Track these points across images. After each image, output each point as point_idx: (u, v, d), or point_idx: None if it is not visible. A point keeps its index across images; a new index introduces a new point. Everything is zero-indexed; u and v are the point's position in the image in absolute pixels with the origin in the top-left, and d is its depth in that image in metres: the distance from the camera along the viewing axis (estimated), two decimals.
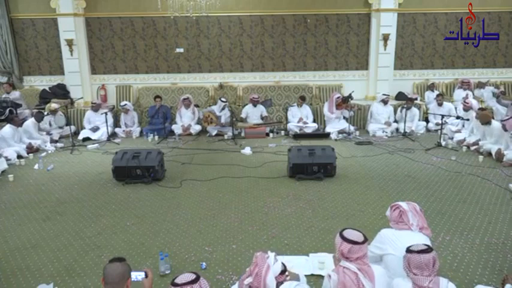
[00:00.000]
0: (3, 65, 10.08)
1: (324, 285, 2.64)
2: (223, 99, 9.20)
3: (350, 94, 8.86)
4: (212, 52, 10.36)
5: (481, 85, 9.98)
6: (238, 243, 4.10)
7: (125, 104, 9.23)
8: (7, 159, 6.80)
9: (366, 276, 2.42)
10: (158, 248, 4.00)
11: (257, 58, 10.43)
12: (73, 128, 8.85)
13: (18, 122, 7.69)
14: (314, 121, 9.17)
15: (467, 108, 8.08)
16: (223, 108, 9.01)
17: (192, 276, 2.20)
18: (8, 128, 7.45)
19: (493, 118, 7.69)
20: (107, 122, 8.54)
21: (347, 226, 4.34)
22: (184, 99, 9.17)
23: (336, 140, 8.36)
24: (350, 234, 2.56)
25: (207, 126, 9.02)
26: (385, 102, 8.97)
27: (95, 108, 8.99)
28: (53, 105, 8.93)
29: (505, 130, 6.59)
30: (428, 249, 2.43)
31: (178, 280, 2.18)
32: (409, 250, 2.45)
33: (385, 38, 9.94)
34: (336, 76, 10.55)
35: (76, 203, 5.26)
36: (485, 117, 7.16)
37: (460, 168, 6.40)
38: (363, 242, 2.51)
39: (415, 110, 8.91)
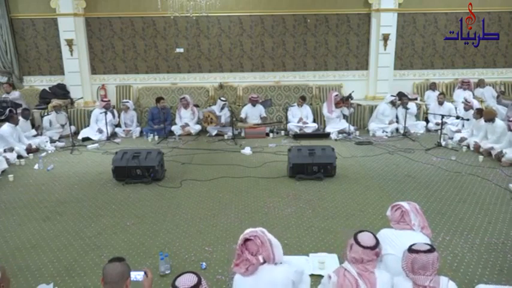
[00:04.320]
0: (3, 65, 10.07)
1: (322, 284, 2.63)
2: (222, 98, 9.22)
3: (350, 94, 8.87)
4: (212, 52, 10.36)
5: (481, 83, 9.95)
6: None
7: (127, 101, 9.26)
8: (6, 159, 6.81)
9: (368, 283, 2.39)
10: (158, 248, 4.00)
11: (257, 58, 10.43)
12: (73, 128, 8.84)
13: (17, 120, 7.67)
14: (314, 121, 9.18)
15: (468, 107, 8.09)
16: (222, 108, 9.01)
17: (194, 281, 2.15)
18: (6, 126, 7.42)
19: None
20: (106, 121, 8.54)
21: (347, 226, 4.39)
22: (181, 99, 9.19)
23: (336, 140, 8.36)
24: (363, 238, 2.50)
25: (207, 126, 9.02)
26: (394, 103, 8.94)
27: (107, 105, 8.92)
28: (55, 101, 8.94)
29: (510, 130, 6.61)
30: (432, 249, 2.42)
31: (180, 283, 2.14)
32: (414, 250, 2.39)
33: (385, 38, 9.94)
34: (336, 76, 10.55)
35: (76, 203, 5.26)
36: (490, 114, 7.16)
37: (460, 168, 6.40)
38: (372, 248, 2.46)
39: (410, 105, 8.90)
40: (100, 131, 8.77)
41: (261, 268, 2.51)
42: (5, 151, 7.01)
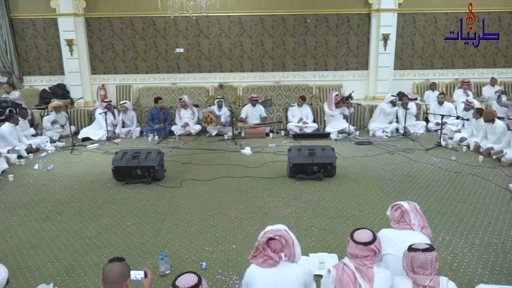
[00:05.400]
0: (3, 65, 10.08)
1: (323, 279, 2.66)
2: (218, 96, 9.26)
3: (350, 94, 8.87)
4: (212, 52, 10.36)
5: (493, 82, 9.86)
6: (238, 243, 4.10)
7: (125, 102, 9.26)
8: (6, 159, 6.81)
9: (365, 277, 2.42)
10: (158, 248, 4.00)
11: (257, 58, 10.43)
12: (73, 128, 8.84)
13: (17, 120, 7.67)
14: (314, 121, 9.17)
15: (469, 108, 8.08)
16: (220, 106, 9.02)
17: (194, 280, 2.17)
18: (6, 126, 7.41)
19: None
20: (106, 121, 8.54)
21: (347, 226, 4.39)
22: (179, 99, 9.23)
23: (336, 140, 8.36)
24: (359, 234, 2.55)
25: (207, 126, 9.02)
26: (393, 103, 8.93)
27: (109, 106, 8.91)
28: (55, 102, 8.95)
29: (509, 129, 6.60)
30: (431, 248, 2.43)
31: (180, 283, 2.15)
32: (413, 249, 2.42)
33: (385, 38, 9.94)
34: (336, 76, 10.55)
35: (76, 203, 5.26)
36: (490, 114, 7.14)
37: (460, 168, 6.40)
38: (365, 244, 2.48)
39: (411, 105, 8.90)
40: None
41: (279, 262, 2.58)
42: (8, 152, 7.02)
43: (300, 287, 2.57)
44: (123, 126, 9.18)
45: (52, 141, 8.26)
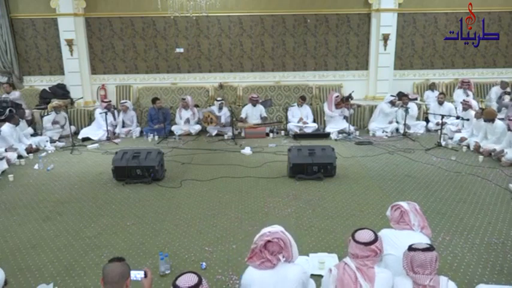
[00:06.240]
0: (3, 65, 10.07)
1: (323, 278, 2.67)
2: (218, 98, 9.25)
3: (350, 94, 8.87)
4: (212, 52, 10.36)
5: (504, 86, 9.81)
6: (238, 243, 4.10)
7: (125, 102, 9.26)
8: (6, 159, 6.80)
9: (366, 277, 2.42)
10: (158, 248, 4.00)
11: (257, 58, 10.43)
12: (73, 128, 8.84)
13: (17, 121, 7.67)
14: (314, 121, 9.17)
15: (466, 107, 8.08)
16: (220, 108, 9.02)
17: (195, 280, 2.18)
18: (6, 126, 7.41)
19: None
20: (106, 121, 8.54)
21: (347, 226, 4.39)
22: (182, 99, 9.22)
23: (336, 140, 8.36)
24: (360, 234, 2.56)
25: (207, 126, 9.02)
26: (393, 103, 8.92)
27: (108, 106, 8.88)
28: (55, 102, 8.96)
29: (509, 130, 6.60)
30: (431, 248, 2.44)
31: (180, 283, 2.16)
32: (412, 248, 2.43)
33: (385, 38, 9.94)
34: (336, 76, 10.55)
35: (76, 203, 5.26)
36: (490, 114, 7.13)
37: (460, 168, 6.40)
38: (366, 244, 2.49)
39: (411, 106, 8.89)
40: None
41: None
42: (6, 151, 7.02)
43: (299, 287, 2.58)
44: (123, 126, 9.19)
45: (52, 141, 8.27)
